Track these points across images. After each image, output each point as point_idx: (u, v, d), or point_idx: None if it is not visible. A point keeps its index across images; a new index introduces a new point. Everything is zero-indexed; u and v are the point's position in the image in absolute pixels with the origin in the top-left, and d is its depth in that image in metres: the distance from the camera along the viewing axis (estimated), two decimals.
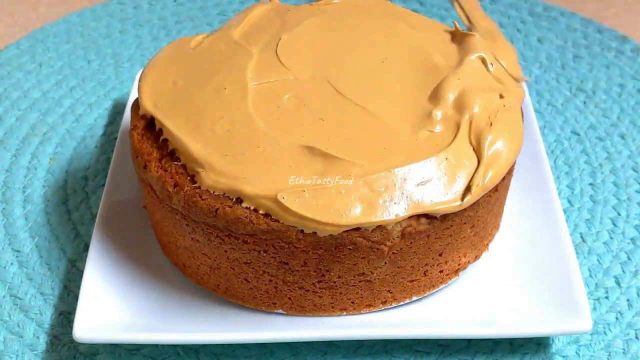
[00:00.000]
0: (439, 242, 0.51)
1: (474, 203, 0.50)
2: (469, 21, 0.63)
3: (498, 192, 0.53)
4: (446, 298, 0.55)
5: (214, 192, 0.49)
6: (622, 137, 0.72)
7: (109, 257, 0.56)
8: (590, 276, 0.59)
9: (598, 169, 0.68)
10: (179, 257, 0.55)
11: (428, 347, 0.54)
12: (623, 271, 0.60)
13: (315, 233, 0.47)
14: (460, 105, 0.52)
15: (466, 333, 0.51)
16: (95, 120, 0.75)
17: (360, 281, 0.51)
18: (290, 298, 0.53)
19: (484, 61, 0.56)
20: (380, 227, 0.48)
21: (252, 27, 0.61)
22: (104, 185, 0.66)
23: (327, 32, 0.59)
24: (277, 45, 0.58)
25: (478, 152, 0.50)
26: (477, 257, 0.56)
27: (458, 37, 0.59)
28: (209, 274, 0.54)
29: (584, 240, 0.62)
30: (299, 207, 0.46)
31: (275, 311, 0.54)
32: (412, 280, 0.53)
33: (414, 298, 0.54)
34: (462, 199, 0.49)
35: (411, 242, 0.49)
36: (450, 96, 0.53)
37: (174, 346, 0.55)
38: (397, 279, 0.52)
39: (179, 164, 0.51)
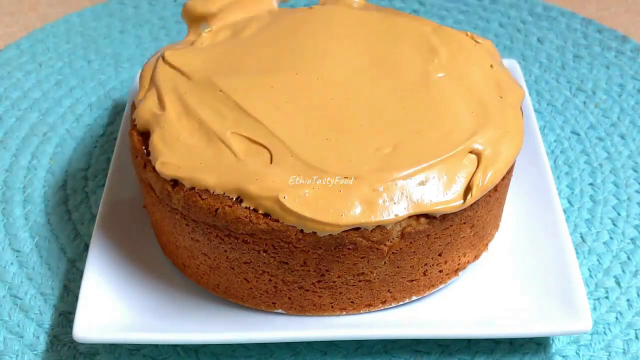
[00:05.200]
0: (439, 242, 0.51)
1: (474, 203, 0.50)
2: None
3: (498, 192, 0.53)
4: (446, 298, 0.55)
5: (214, 192, 0.49)
6: (622, 137, 0.72)
7: (109, 257, 0.56)
8: (590, 276, 0.59)
9: (598, 169, 0.68)
10: (178, 257, 0.56)
11: (428, 347, 0.54)
12: (623, 271, 0.60)
13: (314, 233, 0.47)
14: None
15: (466, 333, 0.51)
16: (95, 120, 0.75)
17: (359, 281, 0.51)
18: (290, 298, 0.53)
19: (484, 61, 0.57)
20: (379, 227, 0.48)
21: (250, 29, 0.61)
22: (104, 185, 0.67)
23: (328, 32, 0.59)
24: (276, 49, 0.58)
25: (478, 152, 0.50)
26: (476, 257, 0.56)
27: (458, 38, 0.59)
28: (208, 273, 0.54)
29: (584, 240, 0.62)
30: (299, 207, 0.46)
31: (275, 311, 0.54)
32: (412, 280, 0.53)
33: (414, 298, 0.54)
34: (462, 199, 0.49)
35: (411, 242, 0.50)
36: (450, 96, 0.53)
37: (174, 346, 0.55)
38: (396, 279, 0.52)
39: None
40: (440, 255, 0.52)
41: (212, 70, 0.56)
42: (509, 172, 0.54)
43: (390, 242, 0.49)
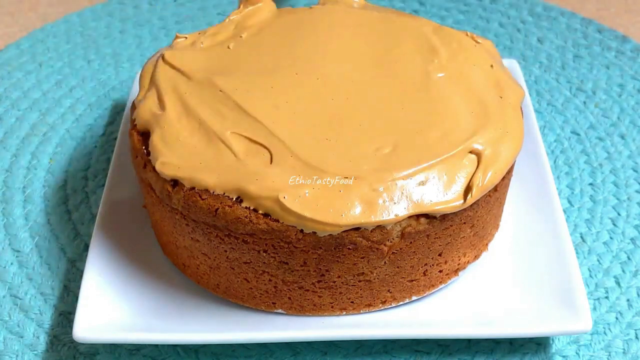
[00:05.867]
0: (439, 242, 0.51)
1: (474, 203, 0.50)
2: None
3: (498, 192, 0.53)
4: (446, 298, 0.55)
5: (214, 192, 0.49)
6: (622, 137, 0.72)
7: (109, 257, 0.56)
8: (590, 276, 0.59)
9: (598, 169, 0.68)
10: (178, 256, 0.56)
11: (428, 347, 0.54)
12: (623, 271, 0.60)
13: (314, 233, 0.47)
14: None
15: (466, 333, 0.51)
16: (95, 120, 0.75)
17: (359, 281, 0.51)
18: (290, 298, 0.53)
19: (484, 60, 0.57)
20: (379, 227, 0.48)
21: (249, 31, 0.61)
22: (104, 185, 0.67)
23: (328, 32, 0.59)
24: (276, 48, 0.58)
25: (478, 152, 0.50)
26: (476, 257, 0.56)
27: (458, 38, 0.59)
28: (208, 273, 0.54)
29: (584, 240, 0.62)
30: (299, 207, 0.46)
31: (275, 311, 0.54)
32: (412, 280, 0.53)
33: (414, 298, 0.54)
34: (462, 199, 0.49)
35: (411, 242, 0.50)
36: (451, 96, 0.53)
37: (174, 346, 0.55)
38: (396, 279, 0.52)
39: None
40: (440, 255, 0.52)
41: (212, 70, 0.56)
42: (509, 172, 0.54)
43: (390, 242, 0.49)
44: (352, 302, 0.53)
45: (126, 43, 0.86)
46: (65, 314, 0.58)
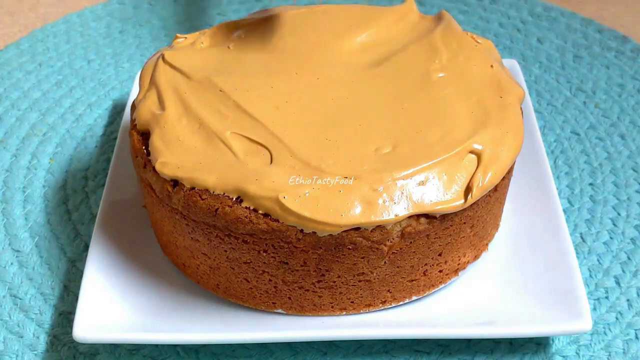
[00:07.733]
0: (439, 242, 0.51)
1: (474, 203, 0.50)
2: None
3: (498, 192, 0.53)
4: (446, 298, 0.55)
5: (214, 192, 0.49)
6: (622, 137, 0.72)
7: (109, 257, 0.56)
8: (590, 276, 0.59)
9: (598, 169, 0.68)
10: (178, 256, 0.56)
11: (428, 347, 0.54)
12: (623, 271, 0.60)
13: (315, 233, 0.47)
14: None
15: (466, 333, 0.51)
16: (95, 120, 0.75)
17: (359, 281, 0.51)
18: (290, 298, 0.53)
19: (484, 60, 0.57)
20: (379, 227, 0.48)
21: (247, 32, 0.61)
22: (104, 185, 0.67)
23: (328, 31, 0.59)
24: (276, 48, 0.58)
25: (478, 152, 0.50)
26: (476, 257, 0.56)
27: (458, 38, 0.59)
28: (208, 273, 0.54)
29: (584, 240, 0.62)
30: (299, 207, 0.46)
31: (275, 311, 0.54)
32: (412, 280, 0.53)
33: (414, 298, 0.54)
34: (462, 199, 0.49)
35: (411, 242, 0.50)
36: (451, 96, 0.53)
37: (174, 346, 0.55)
38: (396, 279, 0.52)
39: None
40: (440, 255, 0.52)
41: (212, 70, 0.56)
42: (509, 172, 0.54)
43: (390, 242, 0.49)
44: (352, 302, 0.53)
45: (126, 43, 0.86)
46: (65, 314, 0.58)
